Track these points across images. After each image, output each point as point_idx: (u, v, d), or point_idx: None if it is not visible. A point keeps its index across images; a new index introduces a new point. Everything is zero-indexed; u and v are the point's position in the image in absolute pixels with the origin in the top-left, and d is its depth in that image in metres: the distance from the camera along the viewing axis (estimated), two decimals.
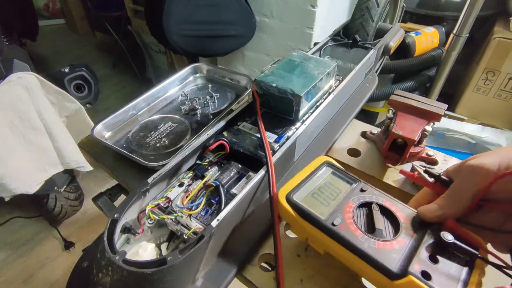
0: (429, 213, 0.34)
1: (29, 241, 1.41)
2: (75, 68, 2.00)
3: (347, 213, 0.36)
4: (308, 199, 0.38)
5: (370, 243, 0.33)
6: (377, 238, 0.33)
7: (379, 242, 0.33)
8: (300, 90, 0.50)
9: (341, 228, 0.34)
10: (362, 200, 0.37)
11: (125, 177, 0.54)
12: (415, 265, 0.30)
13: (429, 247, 0.32)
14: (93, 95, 2.11)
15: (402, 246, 0.33)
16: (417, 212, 0.35)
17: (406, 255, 0.32)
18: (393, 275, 0.30)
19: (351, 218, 0.35)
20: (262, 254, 0.43)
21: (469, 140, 1.17)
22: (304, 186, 0.40)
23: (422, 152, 0.54)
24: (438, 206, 0.34)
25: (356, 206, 0.37)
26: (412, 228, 0.34)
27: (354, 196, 0.38)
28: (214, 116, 0.63)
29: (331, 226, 0.35)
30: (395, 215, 0.35)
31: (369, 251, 0.32)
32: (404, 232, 0.34)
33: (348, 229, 0.34)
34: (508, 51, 1.31)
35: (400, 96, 0.54)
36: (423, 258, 0.31)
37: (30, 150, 1.00)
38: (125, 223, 0.39)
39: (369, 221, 0.35)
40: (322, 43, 0.74)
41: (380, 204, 0.36)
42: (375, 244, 0.33)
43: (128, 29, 2.10)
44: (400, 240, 0.33)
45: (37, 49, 2.69)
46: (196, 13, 1.27)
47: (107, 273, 0.33)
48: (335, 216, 0.36)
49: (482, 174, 0.32)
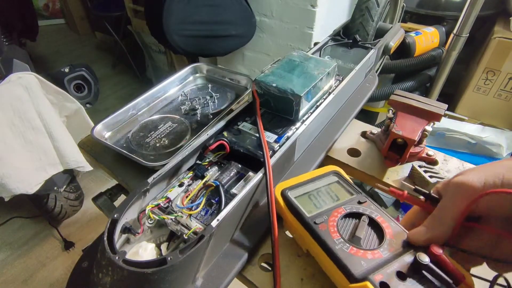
0: (417, 237, 0.33)
1: (29, 241, 1.41)
2: (75, 68, 2.00)
3: (333, 217, 0.37)
4: (302, 198, 0.40)
5: (343, 246, 0.34)
6: (352, 244, 0.34)
7: (353, 248, 0.34)
8: (300, 90, 0.50)
9: (321, 228, 0.36)
10: (354, 210, 0.38)
11: (125, 177, 0.54)
12: (377, 275, 0.31)
13: (402, 265, 0.31)
14: (93, 95, 2.11)
15: (375, 257, 0.33)
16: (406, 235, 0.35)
17: (374, 266, 0.32)
18: (352, 278, 0.31)
19: (335, 222, 0.37)
20: (262, 254, 0.43)
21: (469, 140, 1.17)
22: (304, 186, 0.41)
23: (422, 152, 0.54)
24: (426, 229, 0.33)
25: (345, 214, 0.37)
26: (395, 246, 0.34)
27: (348, 205, 0.38)
28: (214, 116, 0.63)
29: (313, 223, 0.37)
30: (383, 231, 0.35)
31: (339, 252, 0.33)
32: (384, 247, 0.34)
33: (327, 229, 0.36)
34: (508, 51, 1.31)
35: (400, 96, 0.54)
36: (389, 272, 0.31)
37: (30, 150, 1.00)
38: (125, 223, 0.39)
39: (353, 230, 0.36)
40: (322, 43, 0.74)
41: (371, 218, 0.37)
42: (347, 249, 0.34)
43: (128, 29, 2.10)
44: (376, 253, 0.33)
45: (37, 49, 2.70)
46: (196, 13, 1.27)
47: (107, 273, 0.33)
48: (320, 216, 0.37)
49: (467, 191, 0.30)
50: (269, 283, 0.40)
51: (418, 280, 0.30)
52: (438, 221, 0.32)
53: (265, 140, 0.47)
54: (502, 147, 1.13)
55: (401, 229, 0.35)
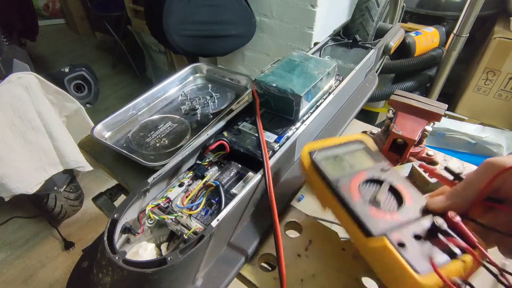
0: (435, 204, 0.33)
1: (29, 241, 1.41)
2: (75, 68, 2.00)
3: (356, 180, 0.38)
4: (328, 160, 0.42)
5: (363, 207, 0.35)
6: (372, 205, 0.35)
7: (372, 209, 0.35)
8: (300, 90, 0.50)
9: (344, 189, 0.37)
10: (376, 176, 0.39)
11: (125, 177, 0.54)
12: (395, 234, 0.32)
13: (419, 228, 0.32)
14: (93, 95, 2.10)
15: (393, 219, 0.34)
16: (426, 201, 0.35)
17: (392, 227, 0.33)
18: (370, 234, 0.33)
19: (357, 185, 0.38)
20: (262, 254, 0.43)
21: (469, 140, 1.17)
22: (331, 149, 0.43)
23: (422, 152, 0.54)
24: (446, 197, 0.33)
25: (367, 179, 0.38)
26: (414, 211, 0.35)
27: (371, 171, 0.39)
28: (214, 116, 0.63)
29: (336, 184, 0.38)
30: (402, 197, 0.36)
31: (359, 211, 0.35)
32: (403, 211, 0.35)
33: (349, 191, 0.37)
34: (508, 51, 1.31)
35: (400, 96, 0.54)
36: (406, 232, 0.32)
37: (30, 150, 1.00)
38: (125, 223, 0.39)
39: (374, 194, 0.37)
40: (322, 43, 0.74)
41: (392, 185, 0.37)
42: (367, 209, 0.35)
43: (128, 29, 2.09)
44: (394, 215, 0.34)
45: (37, 49, 2.70)
46: (196, 13, 1.27)
47: (107, 273, 0.33)
48: (344, 178, 0.39)
49: (494, 166, 0.30)
50: (269, 283, 0.40)
51: (433, 242, 0.31)
52: (460, 191, 0.33)
53: (264, 140, 0.47)
54: (502, 147, 1.13)
55: (420, 196, 0.36)
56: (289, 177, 0.52)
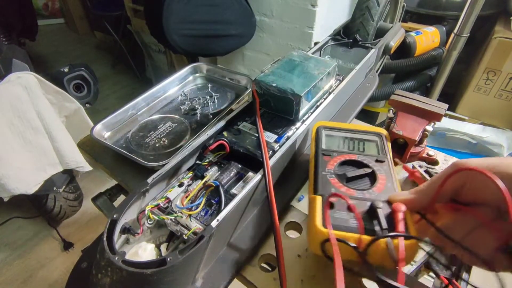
0: (397, 196, 0.34)
1: (28, 242, 1.41)
2: (74, 68, 1.99)
3: (341, 157, 0.41)
4: (332, 137, 0.45)
5: (328, 174, 0.39)
6: (337, 177, 0.38)
7: (335, 179, 0.38)
8: (300, 90, 0.50)
9: (324, 158, 0.42)
10: (364, 161, 0.41)
11: (124, 177, 0.54)
12: (332, 198, 0.35)
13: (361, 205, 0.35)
14: (93, 95, 2.10)
15: (346, 192, 0.37)
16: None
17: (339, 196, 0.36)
18: (315, 191, 0.37)
19: (339, 160, 0.41)
20: (262, 255, 0.43)
21: (470, 140, 1.17)
22: (342, 131, 0.46)
23: (423, 152, 0.54)
24: (408, 192, 0.34)
25: (353, 160, 0.41)
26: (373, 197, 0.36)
27: (364, 157, 0.41)
28: (214, 116, 0.63)
29: (321, 153, 0.42)
30: (375, 185, 0.38)
31: (321, 175, 0.39)
32: (363, 192, 0.37)
33: (327, 161, 0.41)
34: (509, 50, 1.31)
35: (401, 96, 0.53)
36: (344, 203, 0.35)
37: (29, 150, 1.00)
38: (125, 224, 0.39)
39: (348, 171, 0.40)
40: (322, 43, 0.74)
41: (374, 172, 0.39)
42: (330, 177, 0.39)
43: (127, 29, 2.09)
44: (351, 191, 0.37)
45: (36, 48, 2.69)
46: (196, 13, 1.26)
47: (107, 274, 0.33)
48: (332, 152, 0.42)
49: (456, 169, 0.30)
50: (269, 284, 0.40)
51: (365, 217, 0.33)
52: (422, 188, 0.33)
53: (264, 140, 0.47)
54: (503, 147, 1.13)
55: (391, 191, 0.37)
56: (290, 177, 0.52)
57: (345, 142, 0.45)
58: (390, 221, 0.32)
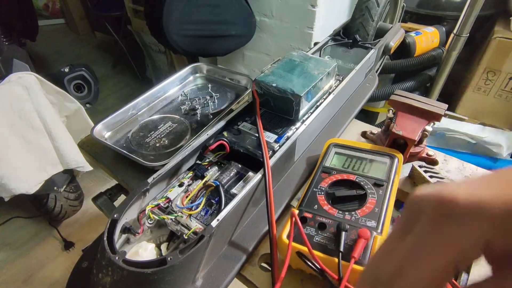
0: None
1: (28, 241, 1.41)
2: (75, 68, 2.00)
3: (339, 176, 0.43)
4: (341, 155, 0.48)
5: (318, 191, 0.42)
6: (324, 195, 0.41)
7: (322, 197, 0.41)
8: (300, 90, 0.50)
9: (322, 175, 0.44)
10: (361, 183, 0.42)
11: (125, 177, 0.54)
12: (307, 214, 0.39)
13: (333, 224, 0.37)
14: (93, 95, 2.10)
15: (327, 211, 0.39)
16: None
17: (317, 211, 0.39)
18: (299, 204, 0.41)
19: (336, 178, 0.43)
20: (262, 254, 0.43)
21: (470, 140, 1.17)
22: (353, 150, 0.48)
23: (423, 152, 0.54)
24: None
25: (351, 180, 0.43)
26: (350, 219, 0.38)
27: (364, 179, 0.42)
28: (214, 116, 0.63)
29: (321, 169, 0.45)
30: (362, 209, 0.39)
31: (311, 191, 0.42)
32: (345, 214, 0.38)
33: (324, 178, 0.44)
34: (508, 51, 1.31)
35: (401, 96, 0.54)
36: (319, 219, 0.38)
37: (30, 150, 1.00)
38: (125, 223, 0.39)
39: (339, 190, 0.42)
40: (322, 43, 0.74)
41: (366, 196, 0.40)
42: (319, 194, 0.41)
43: (128, 29, 2.09)
44: (332, 210, 0.39)
45: (36, 49, 2.69)
46: (196, 13, 1.27)
47: (107, 273, 0.33)
48: (332, 170, 0.45)
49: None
50: (269, 283, 0.40)
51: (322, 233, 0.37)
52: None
53: (265, 140, 0.47)
54: (502, 147, 1.13)
55: (376, 217, 0.38)
56: (289, 177, 0.52)
57: (351, 162, 0.46)
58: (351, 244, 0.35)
